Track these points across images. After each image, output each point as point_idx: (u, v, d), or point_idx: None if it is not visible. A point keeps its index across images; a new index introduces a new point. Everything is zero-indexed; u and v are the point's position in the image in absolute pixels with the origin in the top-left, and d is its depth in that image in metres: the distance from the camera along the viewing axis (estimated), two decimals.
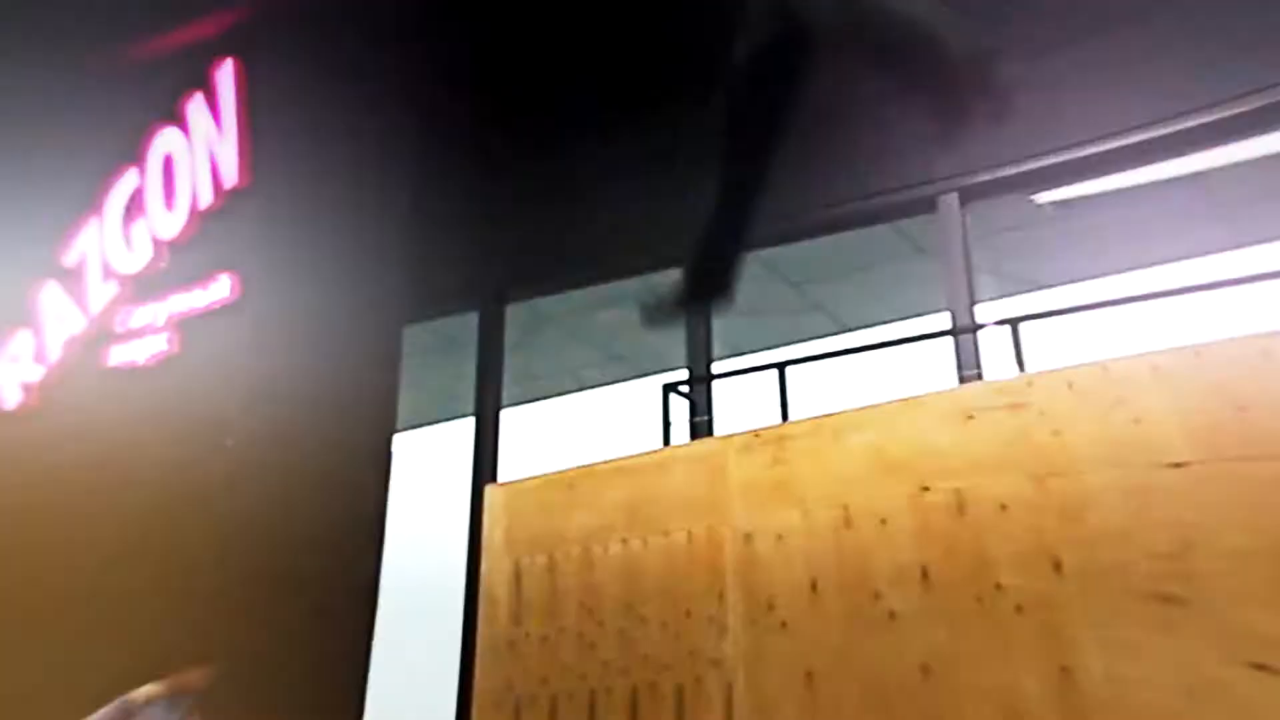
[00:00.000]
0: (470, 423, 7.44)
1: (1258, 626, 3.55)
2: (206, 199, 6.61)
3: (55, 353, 6.77)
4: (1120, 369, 4.23)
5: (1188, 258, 7.53)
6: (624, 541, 5.32)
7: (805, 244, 7.21)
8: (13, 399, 6.81)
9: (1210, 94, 5.61)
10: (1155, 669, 3.75)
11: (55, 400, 6.72)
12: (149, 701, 4.72)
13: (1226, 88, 5.58)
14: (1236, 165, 6.32)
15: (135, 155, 6.84)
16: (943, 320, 6.14)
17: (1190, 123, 5.66)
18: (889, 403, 4.90)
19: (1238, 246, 7.33)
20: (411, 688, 6.68)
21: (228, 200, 6.56)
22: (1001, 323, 5.46)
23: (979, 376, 5.63)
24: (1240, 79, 5.54)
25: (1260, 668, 3.47)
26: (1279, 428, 3.78)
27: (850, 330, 9.10)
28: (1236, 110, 5.58)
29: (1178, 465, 3.90)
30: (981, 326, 5.75)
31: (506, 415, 7.53)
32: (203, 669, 4.84)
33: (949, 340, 5.83)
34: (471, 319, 7.82)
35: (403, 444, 7.23)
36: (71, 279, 6.90)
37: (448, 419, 9.51)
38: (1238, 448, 3.81)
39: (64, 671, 5.70)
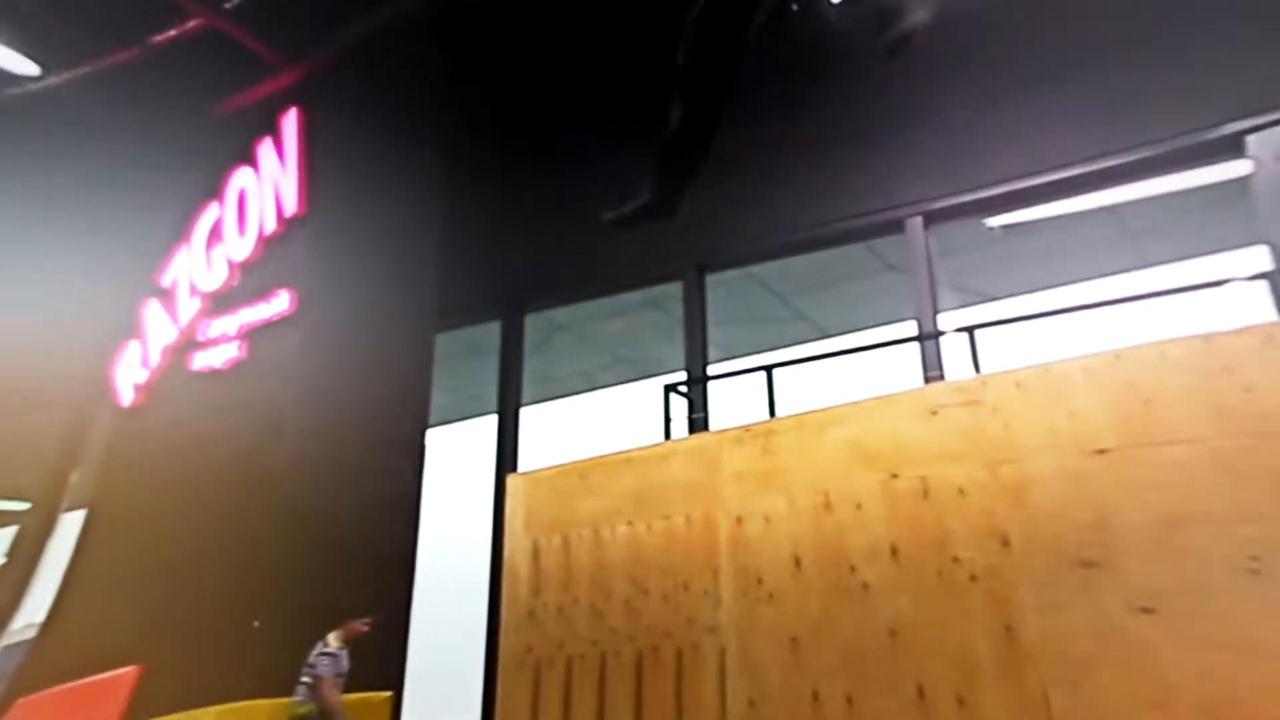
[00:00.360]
0: (493, 419, 7.50)
1: (1148, 580, 3.78)
2: (271, 226, 6.75)
3: (155, 359, 6.99)
4: (1058, 370, 4.34)
5: (1107, 275, 7.75)
6: (630, 524, 5.35)
7: (790, 260, 7.31)
8: (127, 398, 7.06)
9: (1123, 141, 5.87)
10: (1075, 621, 3.92)
11: (155, 398, 6.92)
12: (340, 648, 5.18)
13: (1137, 136, 5.84)
14: (1143, 200, 6.53)
15: (216, 192, 7.04)
16: (910, 328, 6.25)
17: (1108, 163, 5.91)
18: (864, 401, 4.97)
19: (1144, 267, 7.59)
20: (446, 650, 6.80)
21: (288, 226, 6.69)
22: (960, 330, 5.54)
23: (941, 377, 5.76)
24: (1148, 130, 5.81)
25: (1147, 611, 3.72)
26: (1175, 417, 3.96)
27: (829, 336, 9.16)
28: (1143, 155, 5.85)
29: (1102, 451, 4.06)
30: (943, 333, 5.87)
31: (525, 413, 7.57)
32: (365, 620, 5.26)
33: (915, 345, 5.94)
34: (494, 328, 7.92)
35: (434, 438, 7.31)
36: (166, 297, 7.12)
37: (473, 416, 9.55)
38: (1146, 435, 4.01)
39: (160, 611, 5.94)
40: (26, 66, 6.45)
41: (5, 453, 8.13)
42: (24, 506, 8.01)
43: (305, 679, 5.06)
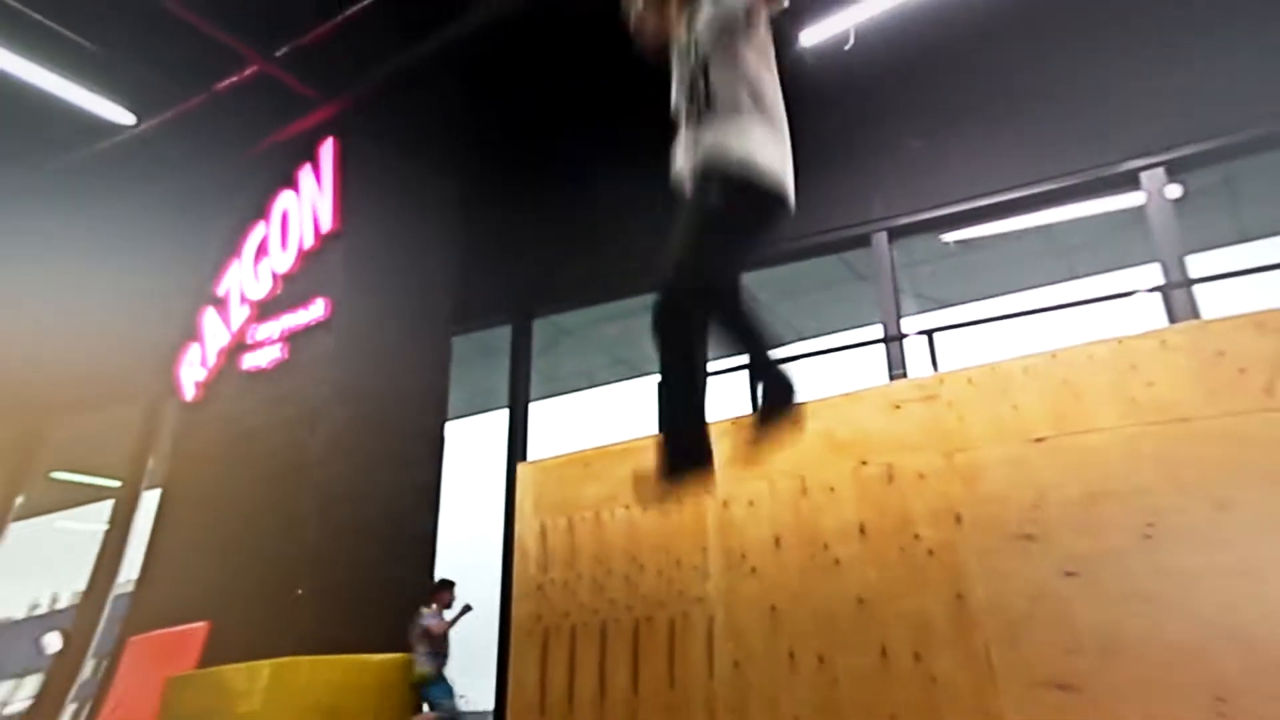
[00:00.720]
0: (505, 413, 7.51)
1: (1072, 548, 3.99)
2: (309, 241, 6.86)
3: (211, 359, 7.11)
4: (1003, 369, 4.50)
5: (1043, 285, 8.00)
6: (627, 507, 5.39)
7: (771, 270, 7.33)
8: (190, 394, 7.19)
9: (1051, 171, 6.09)
10: (1013, 587, 4.10)
11: (211, 394, 7.05)
12: (435, 610, 5.81)
13: (1060, 168, 6.06)
14: (1070, 220, 6.75)
15: (263, 213, 7.19)
16: (876, 331, 6.35)
17: (1040, 189, 6.10)
18: (835, 396, 5.04)
19: (1071, 278, 7.84)
20: (467, 619, 6.94)
21: (324, 242, 6.80)
22: (920, 333, 5.66)
23: (904, 375, 5.89)
24: (1068, 163, 6.03)
25: (1070, 574, 3.94)
26: (1096, 409, 4.17)
27: (805, 338, 9.20)
28: (1065, 184, 6.05)
29: (1039, 440, 4.25)
30: (905, 336, 5.99)
31: (534, 408, 7.60)
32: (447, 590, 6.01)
33: (881, 347, 6.08)
34: (505, 331, 7.98)
35: (452, 430, 7.38)
36: (221, 305, 7.25)
37: (487, 410, 9.50)
38: (1074, 425, 4.20)
39: (222, 577, 6.10)
40: (126, 117, 6.65)
41: (101, 440, 8.74)
42: (117, 484, 8.31)
43: (420, 645, 5.65)
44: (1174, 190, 5.72)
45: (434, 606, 5.93)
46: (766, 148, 2.29)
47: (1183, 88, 5.77)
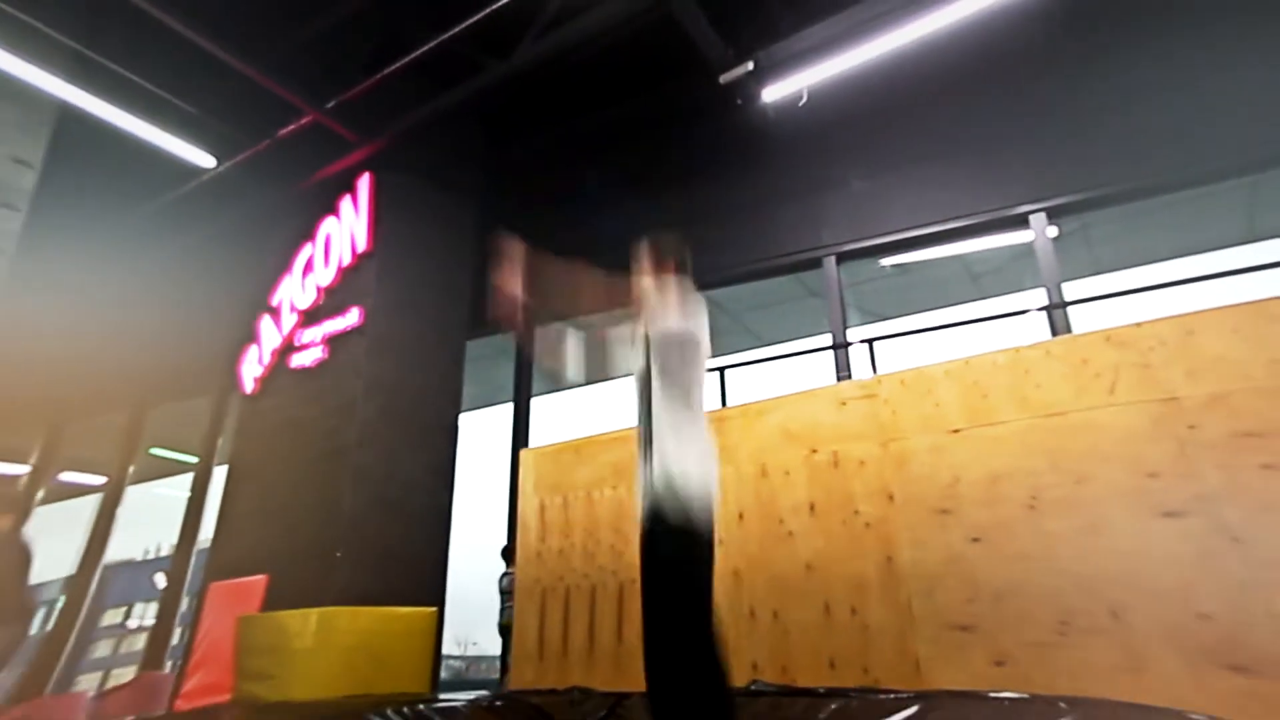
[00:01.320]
0: (510, 406, 7.57)
1: (978, 519, 4.16)
2: (347, 259, 6.95)
3: (266, 359, 7.16)
4: (928, 372, 4.62)
5: (958, 303, 8.28)
6: (614, 488, 5.48)
7: (738, 287, 7.51)
8: (249, 388, 7.23)
9: (962, 210, 6.30)
10: (933, 552, 4.27)
11: (266, 388, 7.09)
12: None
13: (969, 208, 6.27)
14: (981, 250, 6.98)
15: (310, 235, 7.29)
16: (826, 339, 6.40)
17: (954, 225, 6.29)
18: (791, 394, 5.11)
19: (981, 298, 8.11)
20: (475, 580, 7.02)
21: (360, 260, 6.89)
22: (863, 341, 5.76)
23: (849, 376, 6.02)
24: (975, 204, 6.24)
25: (975, 540, 4.14)
26: (998, 406, 4.34)
27: (767, 345, 9.36)
28: (972, 221, 6.25)
29: (955, 431, 4.40)
30: (850, 344, 6.09)
31: (535, 402, 7.63)
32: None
33: (830, 352, 6.19)
34: (511, 337, 7.76)
35: (466, 420, 7.42)
36: (274, 313, 7.31)
37: (495, 404, 9.62)
38: (981, 419, 4.37)
39: (275, 540, 6.18)
40: (208, 161, 6.75)
41: (183, 423, 9.08)
42: (195, 460, 8.42)
43: (505, 599, 5.86)
44: (1052, 230, 5.90)
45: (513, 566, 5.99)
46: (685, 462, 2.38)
47: (1059, 153, 6.02)
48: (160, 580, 8.60)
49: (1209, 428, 3.72)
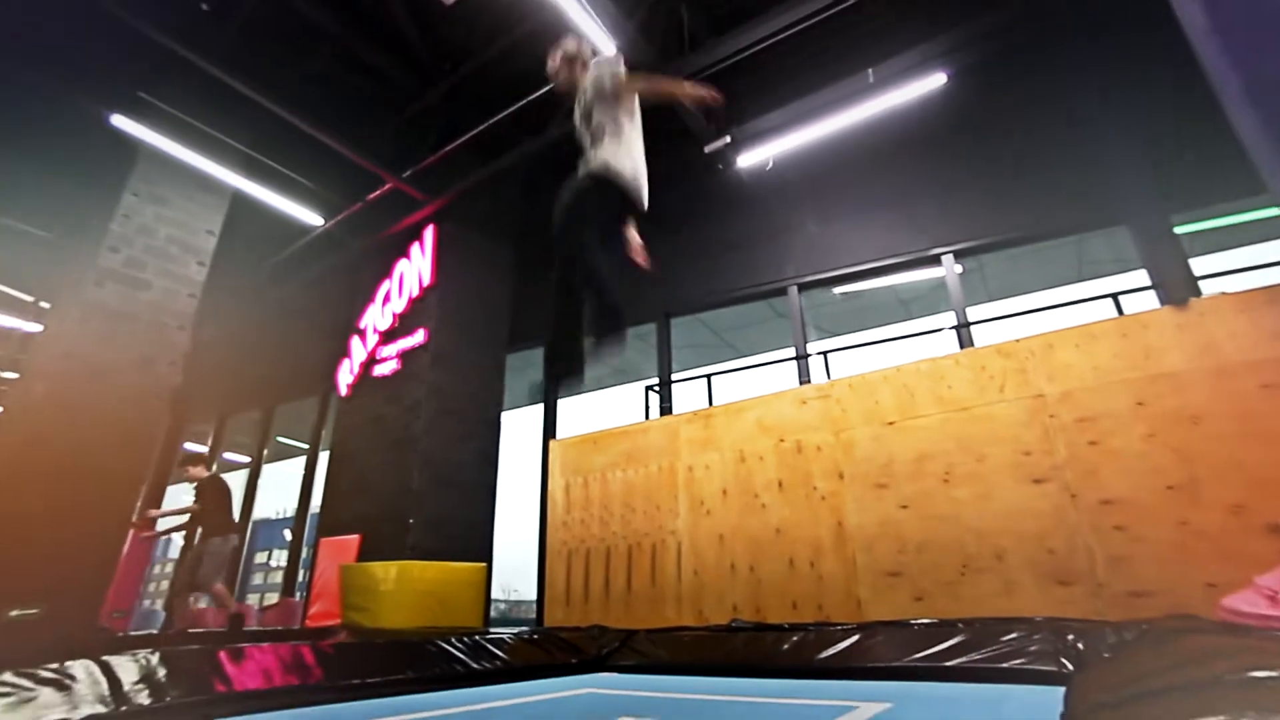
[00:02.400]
0: (541, 407, 7.56)
1: (906, 491, 4.30)
2: (415, 292, 6.99)
3: (356, 370, 7.19)
4: (870, 378, 4.72)
5: (891, 324, 8.27)
6: (624, 470, 5.58)
7: (720, 310, 7.54)
8: (343, 391, 7.24)
9: (892, 250, 6.37)
10: (872, 517, 4.41)
11: (356, 392, 7.09)
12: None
13: (897, 249, 6.35)
14: (908, 282, 6.98)
15: (388, 274, 7.32)
16: (790, 351, 6.44)
17: (887, 262, 6.36)
18: (764, 395, 5.25)
19: (908, 319, 8.13)
20: (516, 543, 7.12)
21: (425, 292, 6.91)
22: (819, 353, 5.80)
23: (808, 380, 6.05)
24: (901, 245, 6.33)
25: (904, 507, 4.27)
26: (922, 403, 4.47)
27: (744, 356, 9.36)
28: (899, 260, 6.26)
29: (890, 423, 4.53)
30: (809, 355, 6.13)
31: (561, 404, 7.55)
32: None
33: (794, 362, 6.22)
34: (539, 352, 7.94)
35: (507, 418, 7.66)
36: (362, 334, 7.33)
37: (530, 404, 9.67)
38: (910, 413, 4.49)
39: (365, 507, 6.20)
40: (317, 220, 6.94)
41: (299, 418, 9.56)
42: (306, 446, 8.58)
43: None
44: (959, 268, 6.03)
45: None
46: (621, 160, 2.43)
47: (963, 209, 6.11)
48: (287, 534, 8.86)
49: (1062, 416, 3.95)
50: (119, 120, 5.29)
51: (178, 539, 7.36)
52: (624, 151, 2.45)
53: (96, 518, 4.44)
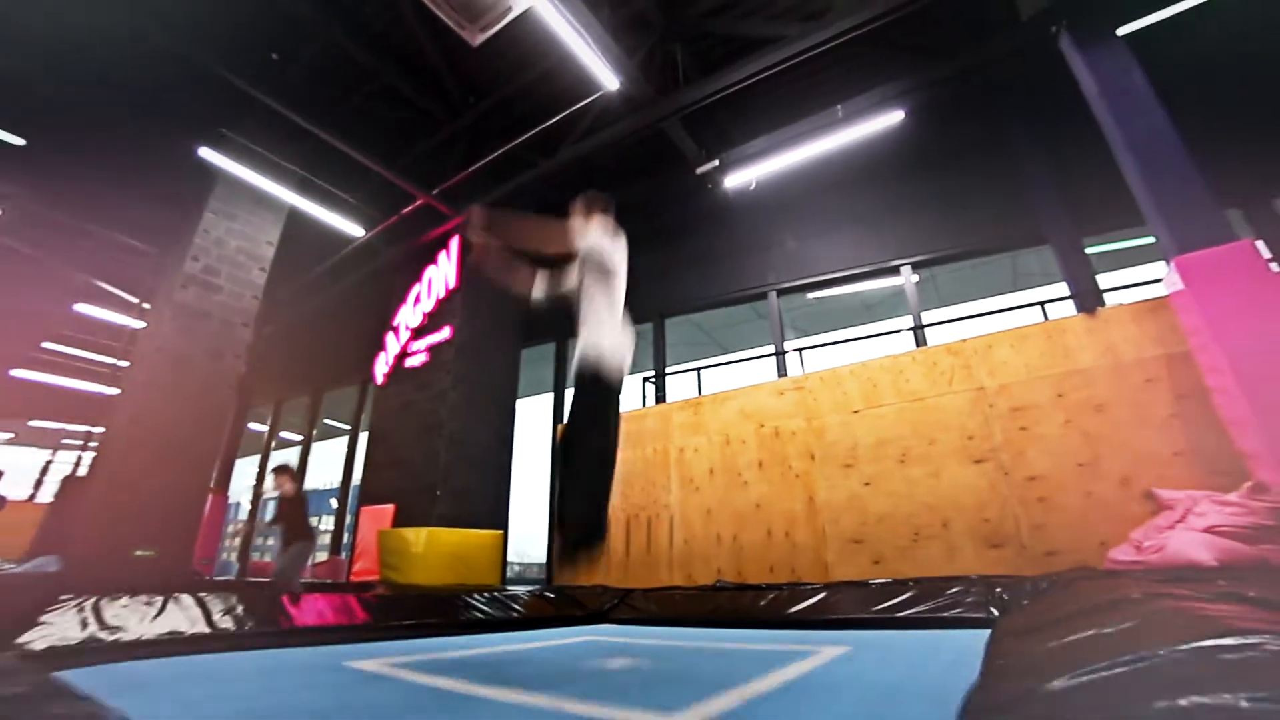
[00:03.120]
0: (551, 395, 7.51)
1: (869, 470, 4.35)
2: (442, 293, 6.96)
3: (390, 361, 7.13)
4: (840, 372, 4.76)
5: (857, 325, 8.27)
6: (623, 452, 5.03)
7: (709, 311, 7.52)
8: (380, 380, 7.16)
9: (858, 261, 6.38)
10: (838, 493, 4.44)
11: (390, 381, 7.04)
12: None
13: (862, 259, 6.36)
14: (873, 289, 7.00)
15: (419, 278, 7.28)
16: (770, 348, 6.41)
17: (854, 271, 6.36)
18: (746, 386, 5.27)
19: (871, 321, 8.13)
20: (529, 515, 6.85)
21: (450, 293, 6.88)
22: (795, 350, 5.88)
23: (785, 373, 6.04)
24: (866, 257, 6.32)
25: (867, 484, 4.32)
26: (884, 394, 4.51)
27: (730, 352, 9.37)
28: (864, 269, 6.33)
29: (856, 411, 4.57)
30: (787, 352, 6.13)
31: (567, 393, 7.05)
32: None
33: (773, 358, 6.20)
34: (551, 346, 7.95)
35: (522, 405, 7.45)
36: (395, 331, 7.27)
37: (541, 393, 9.26)
38: (873, 402, 4.55)
39: (398, 480, 6.08)
40: (358, 231, 6.95)
41: (342, 403, 9.86)
42: (348, 427, 8.61)
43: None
44: (915, 277, 6.08)
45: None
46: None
47: (918, 225, 6.13)
48: (334, 503, 9.03)
49: (999, 406, 4.04)
50: (205, 152, 5.54)
51: (245, 504, 7.57)
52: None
53: (184, 482, 4.65)
